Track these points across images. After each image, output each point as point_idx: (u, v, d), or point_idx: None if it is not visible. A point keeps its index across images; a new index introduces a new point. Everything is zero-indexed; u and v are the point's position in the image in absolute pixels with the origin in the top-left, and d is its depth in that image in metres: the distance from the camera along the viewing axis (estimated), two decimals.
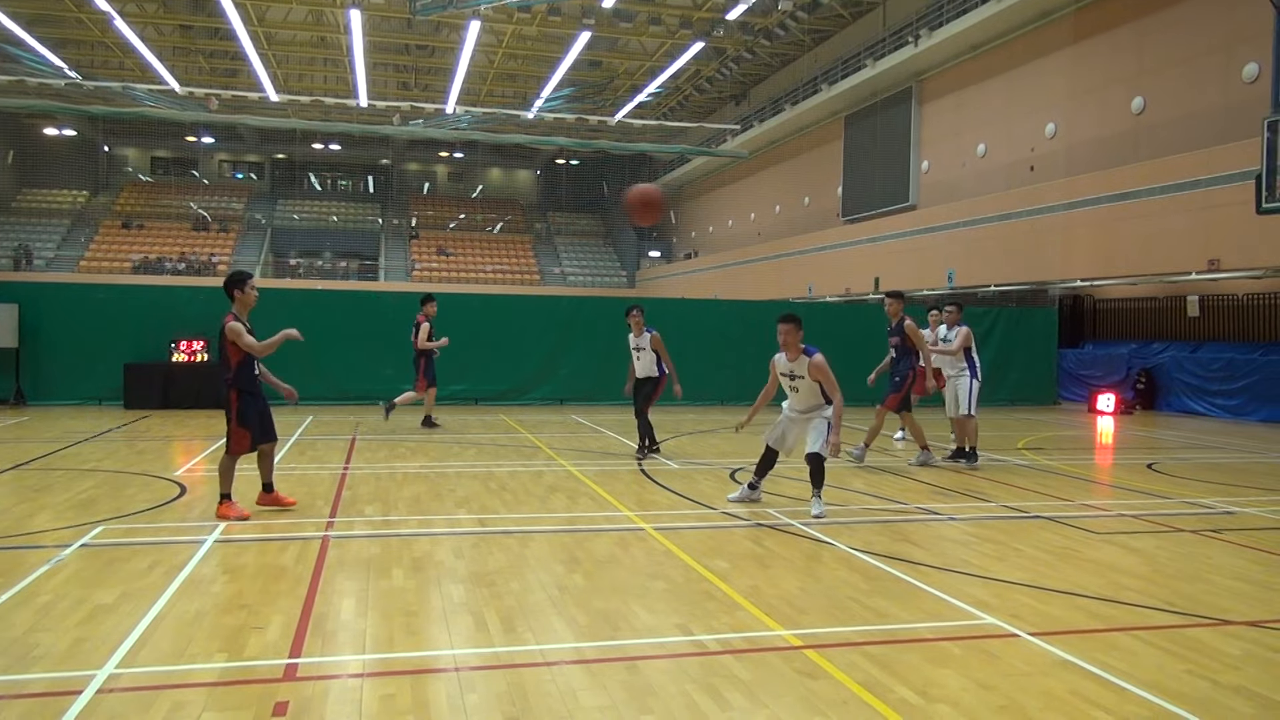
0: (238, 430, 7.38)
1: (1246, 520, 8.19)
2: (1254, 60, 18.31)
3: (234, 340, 7.27)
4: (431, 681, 4.20)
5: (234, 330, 7.28)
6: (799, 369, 8.03)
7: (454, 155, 59.87)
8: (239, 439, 7.40)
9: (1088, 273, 20.82)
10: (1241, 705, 4.04)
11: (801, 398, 8.16)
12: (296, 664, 4.36)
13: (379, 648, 4.60)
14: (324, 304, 18.37)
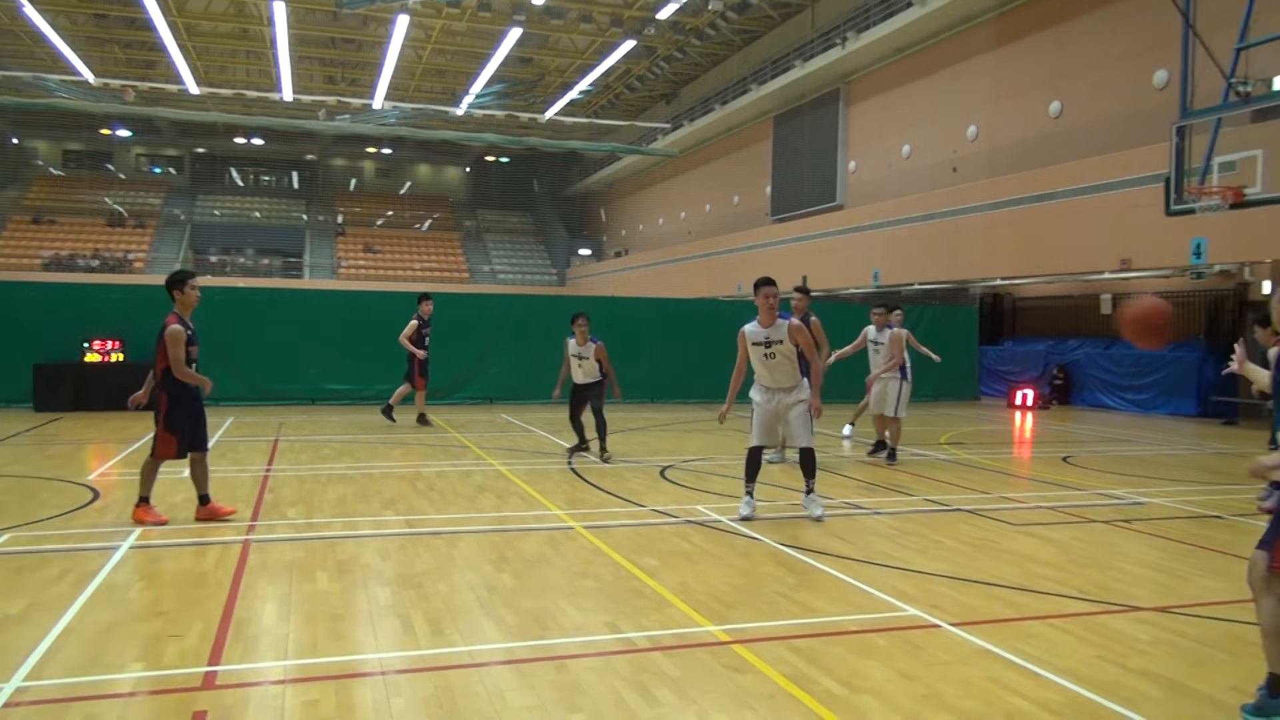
0: (164, 434, 7.14)
1: (1155, 510, 8.50)
2: (1163, 68, 19.00)
3: (170, 346, 7.01)
4: (357, 686, 4.14)
5: (173, 336, 7.02)
6: (776, 334, 7.66)
7: (381, 151, 58.97)
8: (165, 443, 7.16)
9: (1008, 272, 21.39)
10: (1149, 688, 4.19)
11: (778, 367, 7.74)
12: (216, 671, 4.26)
13: (302, 653, 4.51)
14: (246, 301, 17.93)
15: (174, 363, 7.01)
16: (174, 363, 7.01)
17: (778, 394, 7.84)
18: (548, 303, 20.94)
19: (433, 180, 62.72)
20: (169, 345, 7.00)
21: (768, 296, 7.72)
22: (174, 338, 7.00)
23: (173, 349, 6.99)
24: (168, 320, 7.09)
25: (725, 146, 39.55)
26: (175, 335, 7.00)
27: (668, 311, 19.83)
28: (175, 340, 7.00)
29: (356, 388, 17.53)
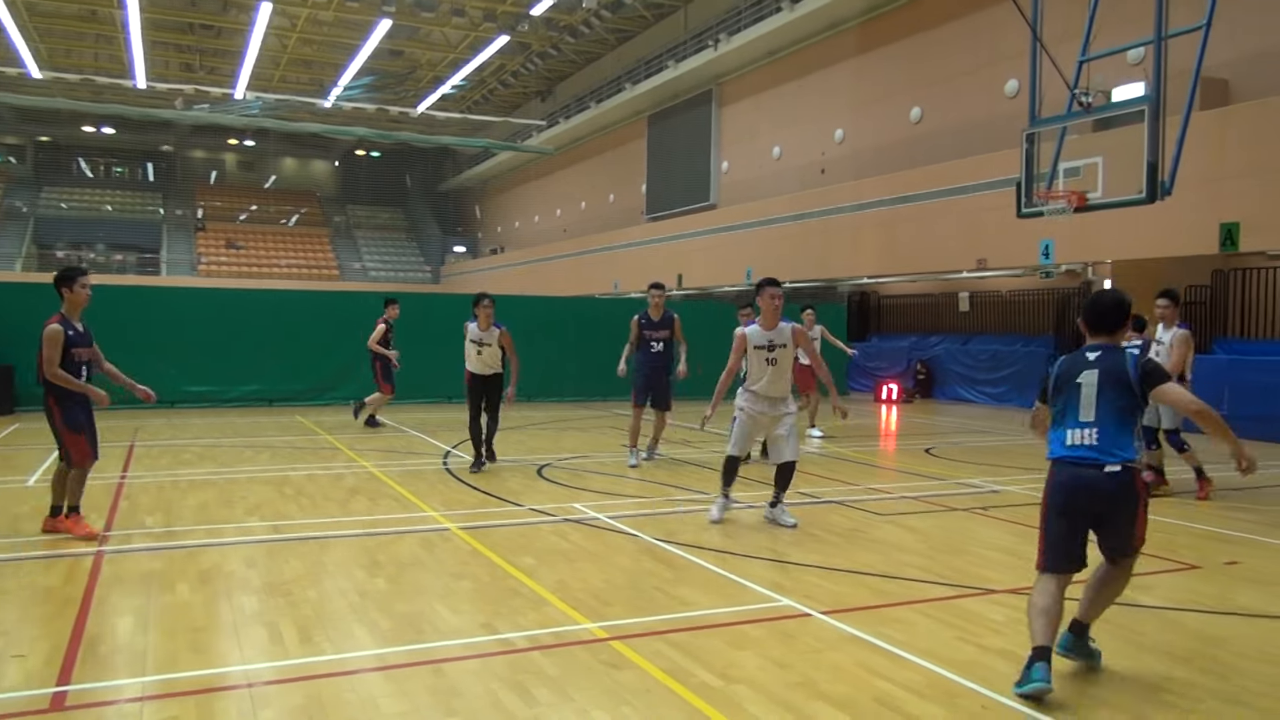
0: (71, 437, 6.69)
1: (1010, 498, 8.97)
2: (1014, 78, 20.04)
3: (45, 346, 6.56)
4: (220, 700, 3.98)
5: (50, 337, 6.56)
6: (780, 338, 7.39)
7: (244, 143, 56.70)
8: (77, 447, 6.72)
9: (873, 271, 22.17)
10: (1003, 666, 4.42)
11: (779, 374, 7.44)
12: (65, 692, 4.02)
13: (161, 668, 4.30)
14: (97, 299, 16.89)
15: (45, 363, 6.56)
16: (45, 363, 6.56)
17: (765, 402, 7.48)
18: (421, 300, 20.54)
19: (300, 174, 60.69)
20: (44, 346, 6.56)
21: (773, 298, 7.42)
22: (50, 338, 6.56)
23: (47, 349, 6.55)
24: (49, 321, 6.65)
25: (600, 145, 39.65)
26: (52, 336, 6.56)
27: (544, 309, 19.74)
28: (51, 341, 6.55)
29: (219, 390, 16.81)
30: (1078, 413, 4.41)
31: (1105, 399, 4.34)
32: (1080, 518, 4.36)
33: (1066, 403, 4.48)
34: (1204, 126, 13.78)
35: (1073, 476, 4.36)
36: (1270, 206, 13.96)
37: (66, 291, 6.81)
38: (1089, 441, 4.34)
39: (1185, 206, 13.88)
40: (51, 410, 6.69)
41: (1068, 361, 4.58)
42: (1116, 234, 15.68)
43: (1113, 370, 4.37)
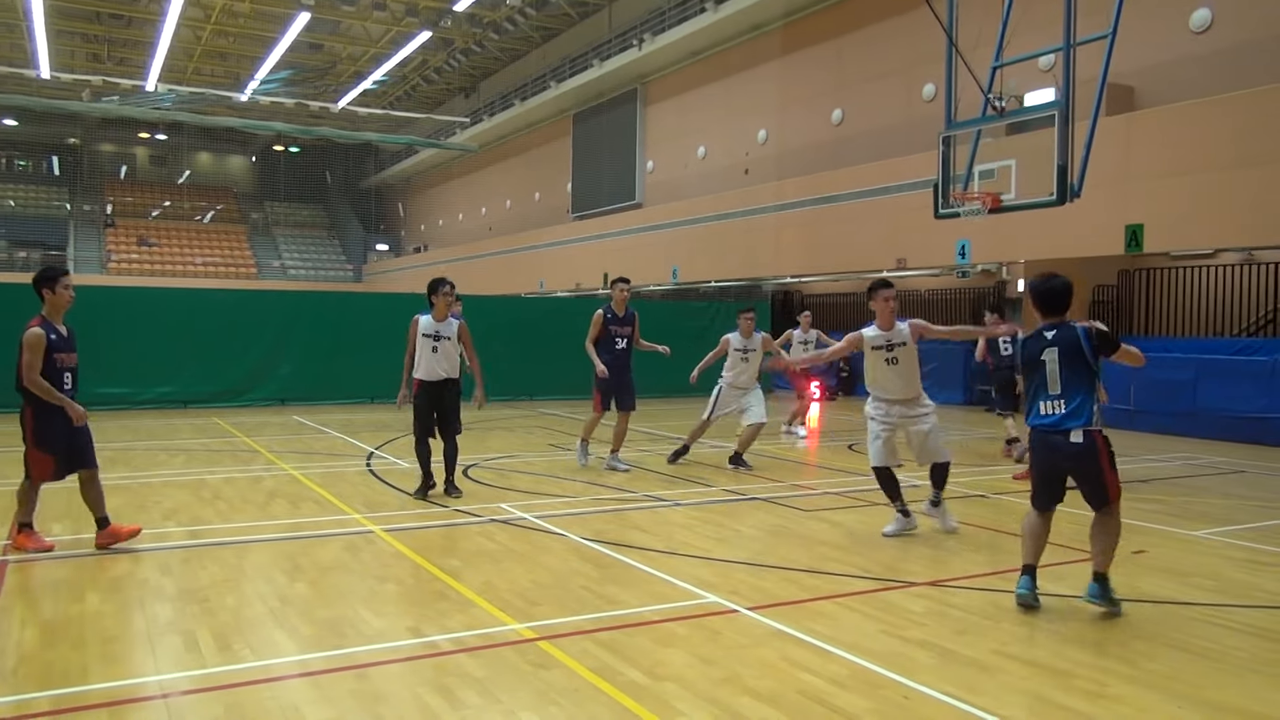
0: (35, 454, 6.25)
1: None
2: (931, 81, 20.51)
3: (26, 351, 6.08)
4: (135, 712, 3.85)
5: (33, 340, 6.08)
6: (898, 337, 7.15)
7: (156, 137, 54.89)
8: (39, 464, 6.27)
9: (796, 269, 22.48)
10: (924, 656, 4.53)
11: (902, 372, 7.24)
12: None
13: (70, 681, 4.15)
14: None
15: (25, 370, 6.06)
16: (25, 370, 6.06)
17: (898, 406, 7.30)
18: (342, 299, 20.18)
19: (215, 169, 59.01)
20: (24, 350, 6.08)
21: (887, 299, 7.18)
22: (32, 343, 6.07)
23: (28, 355, 6.06)
24: (30, 324, 6.17)
25: (526, 143, 39.43)
26: (34, 340, 6.07)
27: (469, 309, 19.51)
28: (33, 346, 6.06)
29: (131, 392, 16.26)
30: (1047, 387, 5.25)
31: (1066, 372, 5.18)
32: (1055, 473, 5.33)
33: (1038, 379, 5.31)
34: (1111, 131, 14.31)
35: (1045, 443, 5.28)
36: (1173, 209, 14.56)
37: (48, 293, 6.29)
38: (1057, 411, 5.19)
39: (1093, 208, 14.39)
40: (26, 421, 6.24)
41: (1031, 342, 5.38)
42: (1029, 235, 16.18)
43: (1069, 343, 5.19)
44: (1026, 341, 5.42)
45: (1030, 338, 5.40)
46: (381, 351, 18.00)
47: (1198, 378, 13.94)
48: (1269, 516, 8.26)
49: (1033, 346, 5.35)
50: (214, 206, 55.38)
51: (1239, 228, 13.94)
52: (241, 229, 54.79)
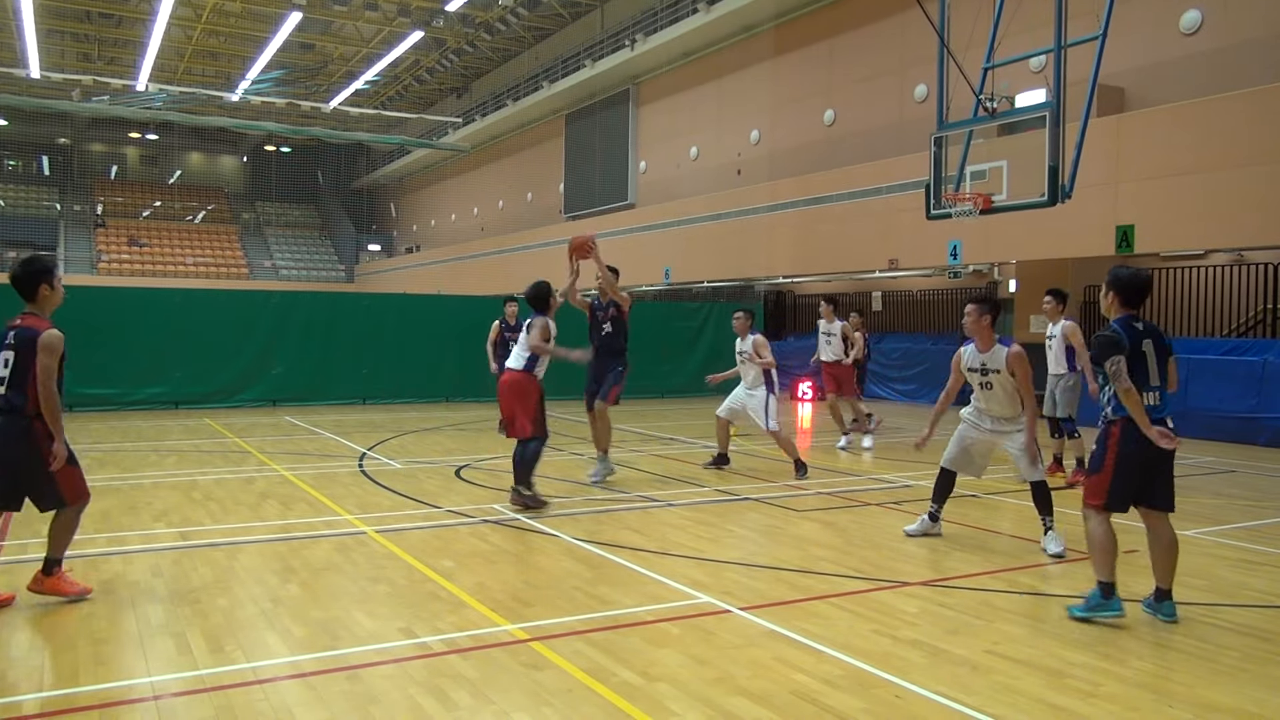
0: (69, 471, 5.27)
1: (922, 492, 9.19)
2: (923, 82, 20.56)
3: (45, 355, 5.12)
4: (125, 714, 3.84)
5: (55, 344, 5.16)
6: (993, 362, 6.68)
7: (146, 137, 54.67)
8: (72, 481, 5.32)
9: (788, 270, 22.50)
10: (916, 656, 4.54)
11: (996, 399, 6.80)
12: None
13: (61, 683, 4.13)
14: None
15: (44, 377, 5.11)
16: (44, 377, 5.11)
17: (993, 420, 6.92)
18: (334, 300, 20.14)
19: (206, 169, 58.82)
20: (44, 354, 5.11)
21: (976, 317, 6.73)
22: (56, 346, 5.17)
23: (47, 359, 5.13)
24: (41, 327, 5.19)
25: (518, 143, 39.40)
26: (58, 343, 5.19)
27: (461, 309, 19.52)
28: (56, 349, 5.18)
29: (121, 392, 16.20)
30: (1149, 378, 5.06)
31: (1160, 364, 5.11)
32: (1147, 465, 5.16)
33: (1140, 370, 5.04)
34: (1102, 132, 14.35)
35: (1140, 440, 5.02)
36: (1163, 209, 14.61)
37: (45, 288, 5.33)
38: (1157, 402, 5.09)
39: (1085, 209, 14.45)
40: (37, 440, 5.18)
41: (1129, 332, 5.07)
42: (1020, 235, 16.22)
43: (1159, 336, 5.15)
44: (1124, 329, 5.08)
45: (1125, 328, 5.08)
46: (374, 352, 18.04)
47: (1188, 378, 13.98)
48: (1259, 516, 8.30)
49: (1132, 336, 5.03)
50: (205, 206, 55.23)
51: (1229, 228, 14.00)
52: (233, 229, 54.63)
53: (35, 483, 5.23)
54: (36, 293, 5.32)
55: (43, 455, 5.16)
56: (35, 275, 5.32)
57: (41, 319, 5.28)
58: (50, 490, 5.27)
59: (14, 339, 5.18)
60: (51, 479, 5.22)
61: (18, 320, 5.26)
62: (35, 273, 5.32)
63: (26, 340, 5.15)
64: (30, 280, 5.31)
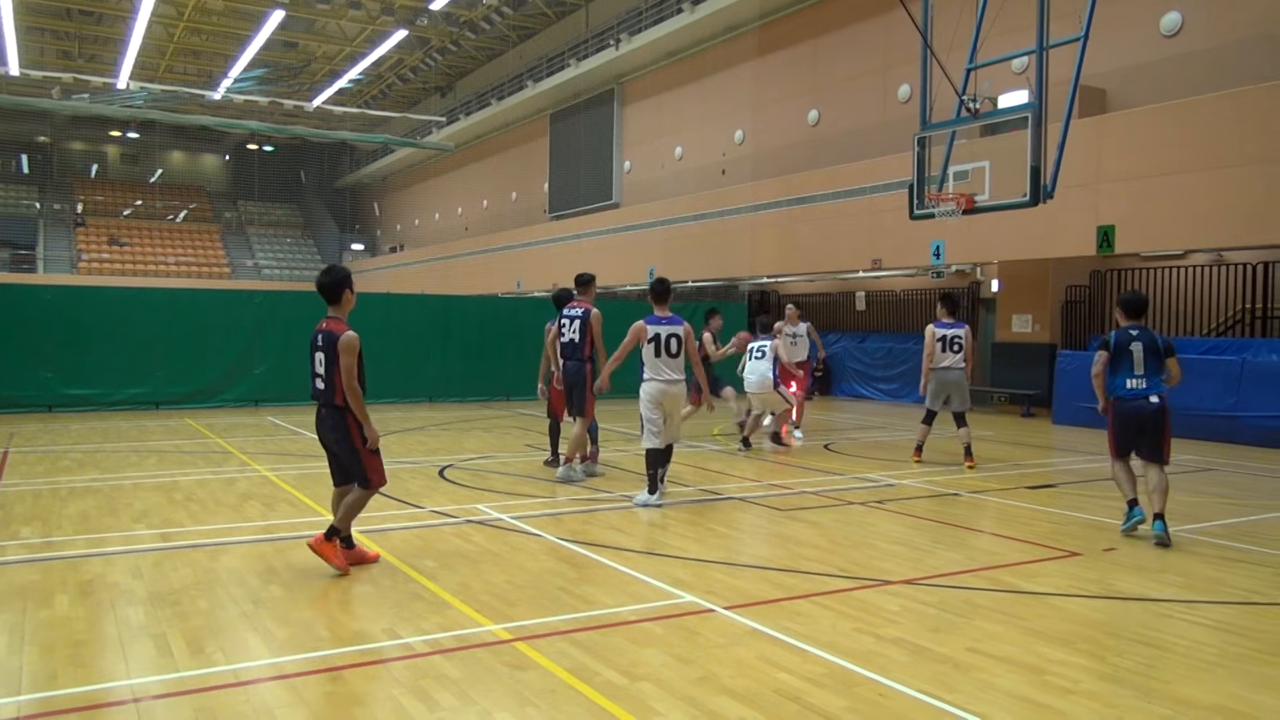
0: (370, 457, 6.01)
1: (904, 491, 9.24)
2: (907, 82, 20.64)
3: (347, 355, 5.87)
4: (104, 717, 3.81)
5: (349, 345, 5.88)
6: None
7: (127, 135, 54.23)
8: (376, 466, 6.06)
9: (772, 270, 22.54)
10: (898, 654, 4.55)
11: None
12: None
13: (38, 686, 4.09)
14: None
15: (345, 373, 5.85)
16: (345, 373, 5.85)
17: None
18: (317, 299, 19.98)
19: (188, 168, 58.42)
20: (346, 353, 5.84)
21: None
22: (353, 345, 5.87)
23: (349, 358, 5.85)
24: (337, 328, 5.93)
25: (502, 142, 39.33)
26: (355, 342, 5.89)
27: (445, 309, 19.47)
28: (353, 349, 5.87)
29: (102, 393, 16.08)
30: (1133, 369, 7.25)
31: (1149, 360, 7.23)
32: (1135, 428, 7.27)
33: (1126, 363, 7.28)
34: (1083, 133, 14.44)
35: (1130, 407, 7.25)
36: (1144, 210, 14.72)
37: (348, 293, 6.14)
38: (1141, 387, 7.22)
39: (1066, 210, 14.54)
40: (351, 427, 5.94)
41: (1119, 335, 7.36)
42: (1003, 236, 16.31)
43: (1150, 340, 7.27)
44: (1115, 335, 7.38)
45: (1119, 332, 7.38)
46: None
47: None
48: (1237, 514, 8.37)
49: (1121, 339, 7.32)
50: (187, 205, 54.86)
51: (1209, 229, 14.12)
52: (214, 228, 54.29)
53: (353, 463, 6.01)
54: (340, 297, 6.09)
55: (353, 439, 5.94)
56: (340, 282, 6.08)
57: (343, 322, 6.01)
58: (358, 470, 6.00)
59: (322, 341, 5.96)
60: (359, 461, 5.96)
61: (324, 324, 6.03)
62: (340, 280, 6.09)
63: (332, 342, 5.88)
64: (335, 287, 6.07)
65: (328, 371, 5.92)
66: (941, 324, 10.91)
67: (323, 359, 5.95)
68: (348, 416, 5.93)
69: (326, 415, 6.02)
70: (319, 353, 5.98)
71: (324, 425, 6.06)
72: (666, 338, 8.39)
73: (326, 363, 5.92)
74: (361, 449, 5.97)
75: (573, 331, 9.39)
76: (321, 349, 5.96)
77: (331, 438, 6.05)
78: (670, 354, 8.43)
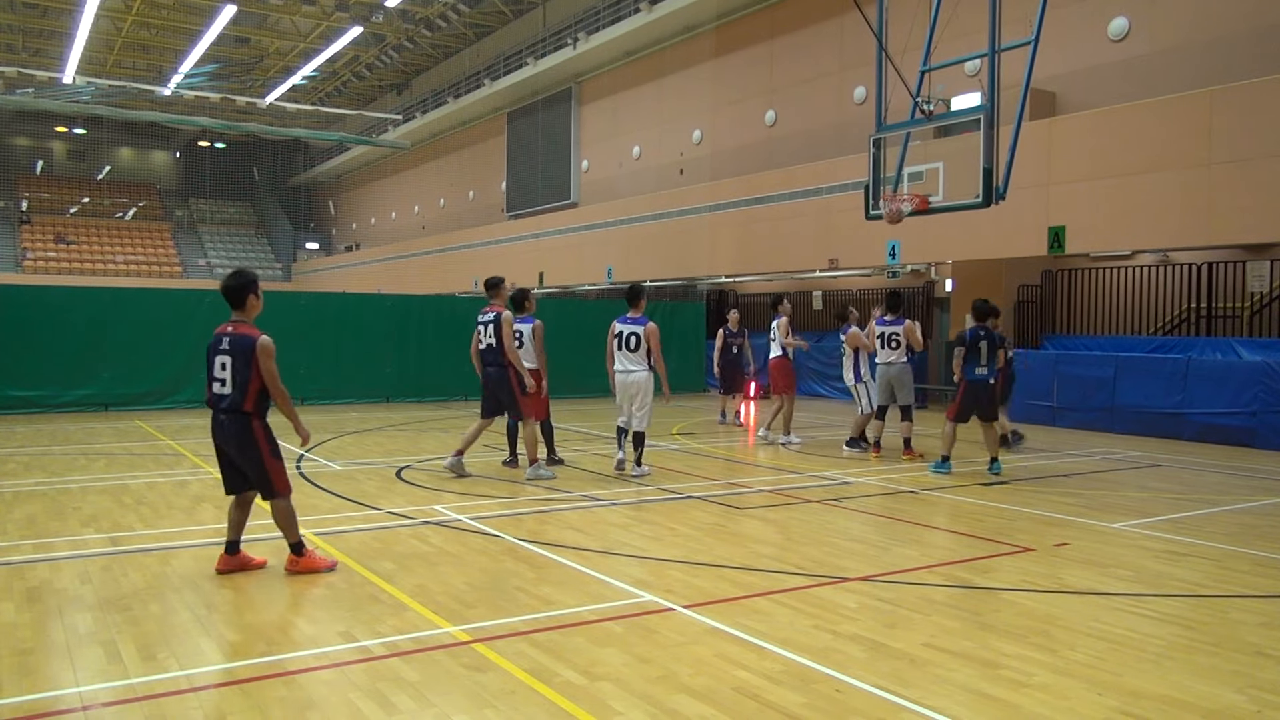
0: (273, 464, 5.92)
1: (861, 489, 9.33)
2: (862, 84, 20.85)
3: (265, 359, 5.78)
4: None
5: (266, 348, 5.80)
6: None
7: (74, 131, 53.07)
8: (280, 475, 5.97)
9: (729, 270, 22.65)
10: (855, 650, 4.60)
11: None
12: None
13: None
14: None
15: (268, 376, 5.79)
16: (268, 376, 5.79)
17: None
18: (271, 299, 19.70)
19: (137, 165, 57.32)
20: (266, 358, 5.77)
21: None
22: (273, 349, 5.81)
23: (271, 363, 5.80)
24: (250, 332, 5.85)
25: (459, 140, 39.08)
26: (273, 346, 5.83)
27: (402, 308, 19.30)
28: (273, 353, 5.81)
29: (48, 394, 15.71)
30: (980, 359, 9.96)
31: (989, 351, 9.96)
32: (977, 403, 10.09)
33: (975, 355, 9.99)
34: (1034, 135, 14.70)
35: (977, 386, 10.03)
36: (1093, 211, 15.01)
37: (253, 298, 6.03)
38: (984, 372, 10.00)
39: (1018, 211, 14.79)
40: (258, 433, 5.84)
41: (970, 334, 10.04)
42: (957, 236, 16.53)
43: (993, 337, 10.05)
44: (968, 333, 10.04)
45: (970, 331, 10.06)
46: (312, 352, 17.73)
47: (1116, 375, 14.39)
48: (1183, 509, 8.57)
49: (973, 336, 10.00)
50: (136, 203, 53.82)
51: (1155, 230, 14.44)
52: (165, 226, 53.34)
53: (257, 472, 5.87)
54: (245, 301, 5.95)
55: (259, 447, 5.81)
56: (246, 286, 5.95)
57: (253, 326, 5.90)
58: (262, 480, 5.89)
59: (230, 345, 5.79)
60: (263, 470, 5.85)
61: (229, 328, 5.88)
62: (246, 284, 5.95)
63: (245, 346, 5.75)
64: (240, 291, 5.92)
65: (236, 377, 5.76)
66: (882, 320, 11.42)
67: (229, 364, 5.77)
68: (254, 423, 5.80)
69: (229, 422, 5.81)
70: (223, 357, 5.79)
71: (225, 432, 5.84)
72: (627, 335, 9.75)
73: (234, 368, 5.75)
74: (266, 457, 5.84)
75: (489, 336, 9.52)
76: (228, 353, 5.78)
77: (234, 445, 5.83)
78: (629, 349, 9.77)
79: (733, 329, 15.32)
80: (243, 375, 5.75)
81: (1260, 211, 13.17)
